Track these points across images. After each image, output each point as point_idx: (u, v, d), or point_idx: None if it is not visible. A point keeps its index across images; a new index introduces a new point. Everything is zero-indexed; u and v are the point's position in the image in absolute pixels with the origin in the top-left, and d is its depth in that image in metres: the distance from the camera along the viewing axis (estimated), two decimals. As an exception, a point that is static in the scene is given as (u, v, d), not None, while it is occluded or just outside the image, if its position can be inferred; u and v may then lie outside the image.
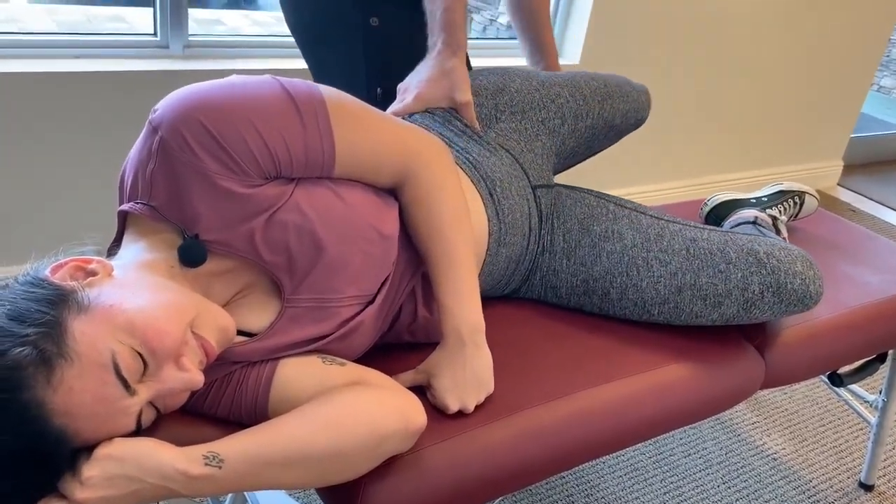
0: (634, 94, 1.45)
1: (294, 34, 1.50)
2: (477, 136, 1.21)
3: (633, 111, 1.45)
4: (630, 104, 1.43)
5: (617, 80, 1.44)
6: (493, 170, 1.17)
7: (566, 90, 1.33)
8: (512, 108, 1.27)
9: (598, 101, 1.36)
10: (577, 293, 1.20)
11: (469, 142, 1.20)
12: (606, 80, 1.42)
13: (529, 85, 1.31)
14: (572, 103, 1.32)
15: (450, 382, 0.94)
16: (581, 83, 1.36)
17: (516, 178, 1.20)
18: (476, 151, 1.18)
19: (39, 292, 0.74)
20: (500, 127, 1.25)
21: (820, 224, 1.65)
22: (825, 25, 2.97)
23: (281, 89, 0.87)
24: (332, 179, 0.92)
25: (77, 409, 0.71)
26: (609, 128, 1.41)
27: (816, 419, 1.94)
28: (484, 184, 1.14)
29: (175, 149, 0.82)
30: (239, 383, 0.89)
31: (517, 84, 1.30)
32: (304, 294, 0.90)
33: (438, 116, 1.22)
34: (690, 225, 1.20)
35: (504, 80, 1.30)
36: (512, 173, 1.20)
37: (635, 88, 1.46)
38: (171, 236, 0.85)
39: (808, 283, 1.13)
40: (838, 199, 3.38)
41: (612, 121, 1.40)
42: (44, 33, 1.89)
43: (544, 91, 1.31)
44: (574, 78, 1.38)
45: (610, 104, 1.38)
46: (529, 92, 1.30)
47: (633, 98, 1.44)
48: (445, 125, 1.21)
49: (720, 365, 1.16)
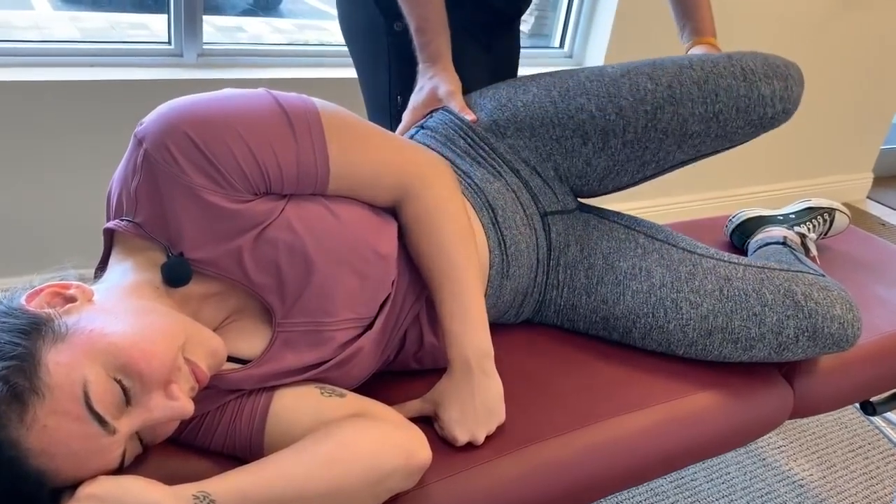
0: (742, 88, 1.10)
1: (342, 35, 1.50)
2: (481, 157, 1.13)
3: (734, 111, 1.11)
4: (725, 103, 1.11)
5: (711, 71, 1.12)
6: (495, 196, 1.09)
7: (594, 102, 1.12)
8: (516, 124, 1.14)
9: (644, 112, 1.11)
10: (597, 328, 1.15)
11: (472, 164, 1.12)
12: (679, 76, 1.12)
13: (545, 97, 1.15)
14: (600, 119, 1.12)
15: (458, 413, 0.90)
16: (625, 89, 1.12)
17: (522, 206, 1.12)
18: (479, 175, 1.11)
19: (12, 322, 0.70)
20: (507, 143, 1.15)
21: (851, 242, 1.59)
22: (856, 34, 2.89)
23: (273, 102, 0.83)
24: (326, 196, 0.87)
25: (53, 447, 0.67)
26: (681, 137, 1.13)
27: (846, 444, 1.87)
28: (486, 211, 1.07)
29: (160, 162, 0.78)
30: (233, 415, 0.85)
31: (528, 98, 1.16)
32: (296, 318, 0.86)
33: (440, 136, 1.15)
34: (724, 260, 1.12)
35: (513, 94, 1.17)
36: (517, 199, 1.12)
37: (753, 78, 1.11)
38: (157, 255, 0.81)
39: (846, 326, 1.06)
40: (868, 212, 3.30)
41: (682, 129, 1.12)
42: (57, 41, 1.88)
43: (562, 105, 1.14)
44: (621, 81, 1.13)
45: (671, 112, 1.11)
46: (541, 107, 1.14)
47: (737, 94, 1.11)
48: (448, 145, 1.14)
49: (746, 395, 1.10)
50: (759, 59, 1.13)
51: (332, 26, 3.53)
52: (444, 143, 1.15)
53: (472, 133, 1.15)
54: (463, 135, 1.15)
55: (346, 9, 1.42)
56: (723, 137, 1.15)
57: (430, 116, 1.20)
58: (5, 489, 0.66)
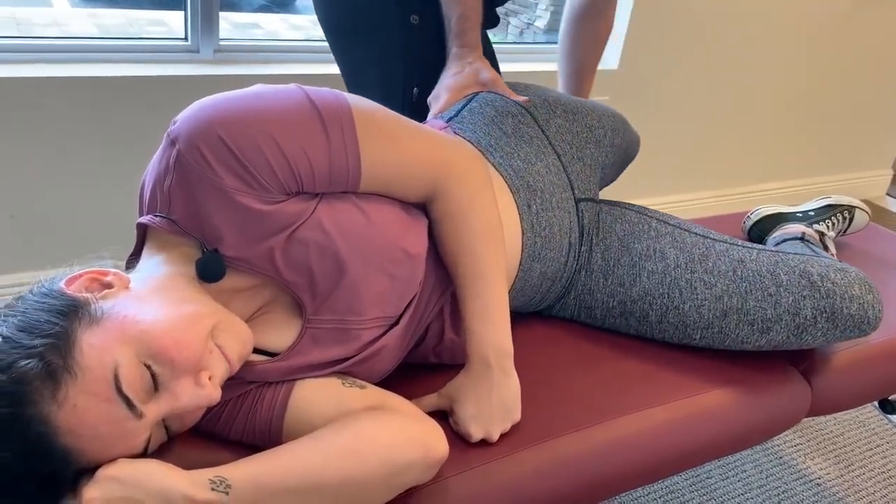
0: (631, 132, 1.40)
1: (327, 34, 1.48)
2: (528, 136, 1.15)
3: (635, 143, 1.42)
4: (631, 137, 1.39)
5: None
6: (535, 178, 1.10)
7: (599, 108, 1.31)
8: (564, 106, 1.24)
9: (622, 121, 1.35)
10: (614, 315, 1.14)
11: (519, 143, 1.13)
12: None
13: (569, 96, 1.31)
14: (611, 116, 1.31)
15: (474, 409, 0.90)
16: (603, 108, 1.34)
17: (560, 189, 1.13)
18: (522, 155, 1.11)
19: (51, 303, 0.72)
20: (556, 122, 1.20)
21: (871, 240, 1.57)
22: (875, 29, 2.87)
23: (306, 100, 0.83)
24: (357, 194, 0.87)
25: (81, 428, 0.68)
26: (623, 155, 1.38)
27: (864, 443, 1.85)
28: (523, 194, 1.08)
29: (192, 164, 0.78)
30: (254, 403, 0.86)
31: (558, 94, 1.29)
32: (325, 315, 0.87)
33: (488, 114, 1.16)
34: (738, 244, 1.12)
35: (545, 91, 1.29)
36: (556, 183, 1.13)
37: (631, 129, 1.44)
38: (191, 250, 0.82)
39: (865, 307, 1.04)
40: (887, 209, 3.26)
41: (624, 147, 1.37)
42: (73, 37, 1.89)
43: (583, 101, 1.30)
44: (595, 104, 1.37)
45: (624, 129, 1.35)
46: (572, 99, 1.29)
47: (632, 134, 1.40)
48: (496, 122, 1.15)
49: (763, 392, 1.10)
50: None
51: (347, 22, 3.51)
52: (492, 120, 1.15)
53: (524, 110, 1.19)
54: (516, 112, 1.18)
55: (349, 4, 1.41)
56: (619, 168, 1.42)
57: (474, 97, 1.22)
58: (31, 465, 0.67)
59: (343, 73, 1.48)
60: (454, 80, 1.25)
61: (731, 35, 2.54)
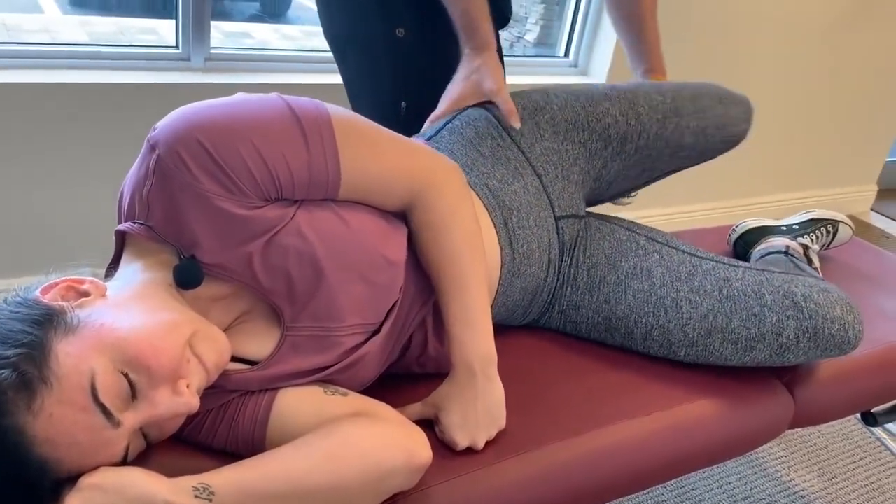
0: (719, 108, 1.29)
1: (328, 44, 1.48)
2: (506, 157, 1.14)
3: (716, 128, 1.30)
4: (711, 120, 1.28)
5: (696, 92, 1.29)
6: (512, 197, 1.11)
7: (617, 107, 1.22)
8: (554, 126, 1.19)
9: (657, 119, 1.23)
10: (598, 330, 1.15)
11: (496, 164, 1.13)
12: (678, 93, 1.27)
13: (574, 103, 1.22)
14: (622, 123, 1.21)
15: (459, 418, 0.90)
16: (640, 98, 1.23)
17: (538, 208, 1.13)
18: (499, 176, 1.12)
19: (26, 312, 0.72)
20: (543, 145, 1.18)
21: (854, 253, 1.59)
22: (861, 47, 2.90)
23: (286, 108, 0.84)
24: (336, 202, 0.88)
25: (58, 437, 0.68)
26: (677, 148, 1.27)
27: (847, 455, 1.87)
28: (499, 212, 1.08)
29: (172, 168, 0.79)
30: (236, 413, 0.85)
31: (559, 102, 1.21)
32: (304, 322, 0.87)
33: (468, 134, 1.16)
34: (724, 262, 1.13)
35: (545, 98, 1.22)
36: (534, 202, 1.13)
37: (724, 100, 1.30)
38: (169, 257, 0.82)
39: (847, 328, 1.06)
40: (871, 224, 3.29)
41: (679, 141, 1.26)
42: (64, 44, 1.89)
43: (590, 109, 1.21)
44: (635, 92, 1.25)
45: (675, 122, 1.24)
46: (574, 110, 1.20)
47: (718, 113, 1.28)
48: (474, 145, 1.15)
49: (747, 403, 1.11)
50: (721, 87, 1.35)
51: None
52: (470, 142, 1.15)
53: (505, 133, 1.16)
54: (496, 135, 1.16)
55: (343, 13, 1.40)
56: (702, 152, 1.33)
57: (459, 114, 1.20)
58: (8, 475, 0.67)
59: (344, 84, 1.48)
60: (456, 88, 1.22)
61: (717, 51, 2.57)
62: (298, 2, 4.83)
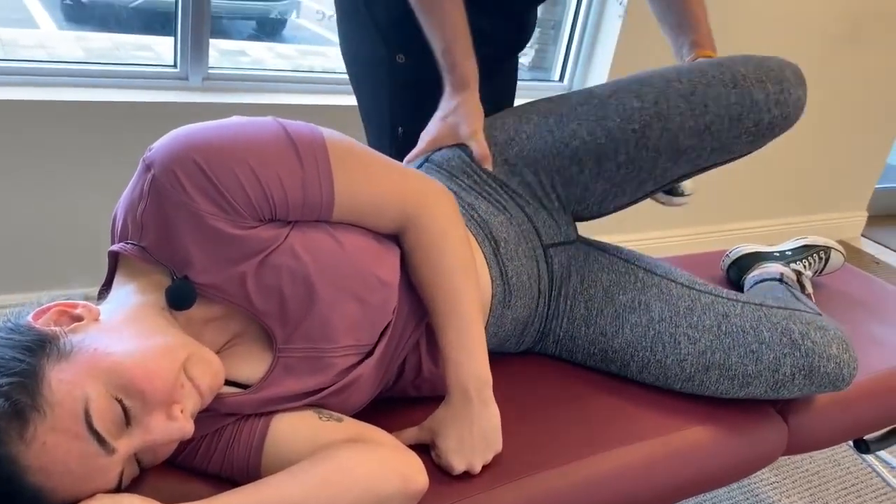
0: (733, 95, 1.08)
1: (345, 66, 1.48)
2: (486, 192, 1.14)
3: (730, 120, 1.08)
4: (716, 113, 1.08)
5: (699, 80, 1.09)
6: (499, 229, 1.10)
7: (585, 127, 1.12)
8: (524, 159, 1.15)
9: (632, 130, 1.10)
10: (595, 360, 1.15)
11: (477, 198, 1.13)
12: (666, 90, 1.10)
13: (544, 126, 1.15)
14: (591, 144, 1.12)
15: (455, 442, 0.90)
16: (612, 110, 1.11)
17: (525, 239, 1.13)
18: (483, 208, 1.12)
19: (18, 339, 0.71)
20: (517, 180, 1.16)
21: (846, 280, 1.60)
22: (851, 74, 2.93)
23: (281, 130, 0.84)
24: (330, 223, 0.88)
25: (51, 465, 0.67)
26: (674, 153, 1.12)
27: (839, 482, 1.87)
28: (489, 243, 1.08)
29: (168, 188, 0.79)
30: (231, 438, 0.85)
31: (529, 129, 1.16)
32: (297, 343, 0.87)
33: (445, 171, 1.16)
34: (722, 296, 1.12)
35: (516, 126, 1.18)
36: (520, 233, 1.13)
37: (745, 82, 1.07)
38: (161, 278, 0.82)
39: (841, 366, 1.07)
40: (862, 250, 3.32)
41: (674, 145, 1.10)
42: (63, 62, 1.89)
43: (558, 133, 1.14)
44: (607, 102, 1.13)
45: (659, 128, 1.09)
46: (542, 137, 1.15)
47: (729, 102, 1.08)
48: (452, 179, 1.15)
49: (741, 430, 1.11)
50: (753, 63, 1.09)
51: (333, 52, 3.56)
52: (450, 176, 1.15)
53: (481, 171, 1.16)
54: (471, 172, 1.15)
55: (349, 37, 1.42)
56: (720, 150, 1.13)
57: (430, 157, 1.20)
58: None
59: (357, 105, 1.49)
60: (433, 127, 1.21)
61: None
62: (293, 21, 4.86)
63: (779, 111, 1.10)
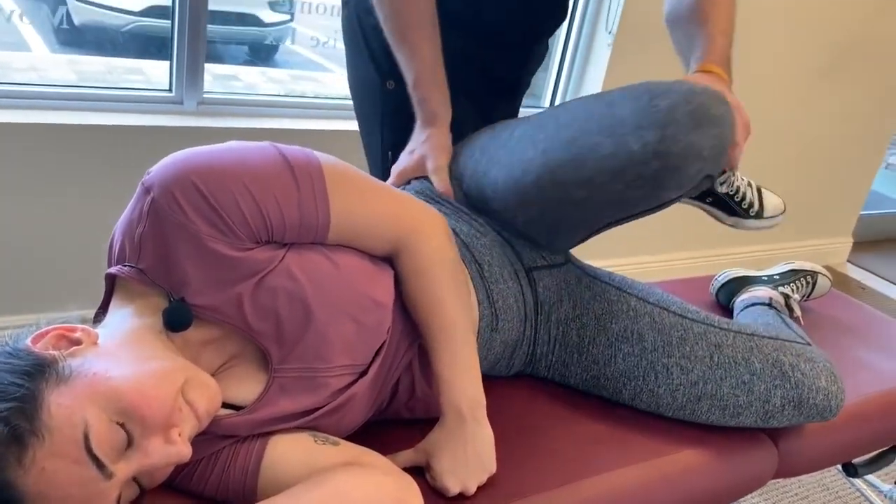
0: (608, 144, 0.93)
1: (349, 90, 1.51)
2: (464, 218, 1.14)
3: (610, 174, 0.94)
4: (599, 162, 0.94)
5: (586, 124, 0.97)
6: (482, 251, 1.10)
7: (503, 173, 1.07)
8: (483, 200, 1.14)
9: (532, 178, 1.01)
10: (587, 385, 1.16)
11: (459, 221, 1.14)
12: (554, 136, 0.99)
13: (479, 166, 1.13)
14: (511, 190, 1.05)
15: (449, 463, 0.90)
16: (517, 157, 1.03)
17: (507, 262, 1.13)
18: (465, 231, 1.12)
19: (16, 363, 0.71)
20: (487, 209, 1.14)
21: (833, 306, 1.62)
22: (836, 102, 2.98)
23: (278, 154, 0.86)
24: (325, 245, 0.90)
25: (50, 490, 0.67)
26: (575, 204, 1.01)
27: (827, 506, 1.87)
28: (474, 266, 1.09)
29: (166, 209, 0.80)
30: (227, 461, 0.85)
31: (484, 163, 1.12)
32: (292, 363, 0.87)
33: (424, 196, 1.17)
34: (714, 325, 1.12)
35: (466, 160, 1.17)
36: (502, 255, 1.13)
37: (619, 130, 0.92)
38: (159, 300, 0.83)
39: (830, 398, 1.09)
40: (847, 275, 3.35)
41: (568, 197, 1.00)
42: (57, 85, 1.91)
43: (485, 178, 1.11)
44: (518, 144, 1.05)
45: (549, 180, 0.99)
46: (478, 178, 1.13)
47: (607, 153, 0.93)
48: (435, 203, 1.16)
49: (732, 454, 1.12)
50: (643, 101, 0.92)
51: (325, 78, 3.59)
52: (428, 201, 1.16)
53: (452, 202, 1.18)
54: (444, 201, 1.17)
55: (351, 64, 1.45)
56: (619, 204, 0.98)
57: (413, 181, 1.22)
58: None
59: None
60: (403, 160, 1.23)
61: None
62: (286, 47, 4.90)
63: (659, 163, 0.91)
